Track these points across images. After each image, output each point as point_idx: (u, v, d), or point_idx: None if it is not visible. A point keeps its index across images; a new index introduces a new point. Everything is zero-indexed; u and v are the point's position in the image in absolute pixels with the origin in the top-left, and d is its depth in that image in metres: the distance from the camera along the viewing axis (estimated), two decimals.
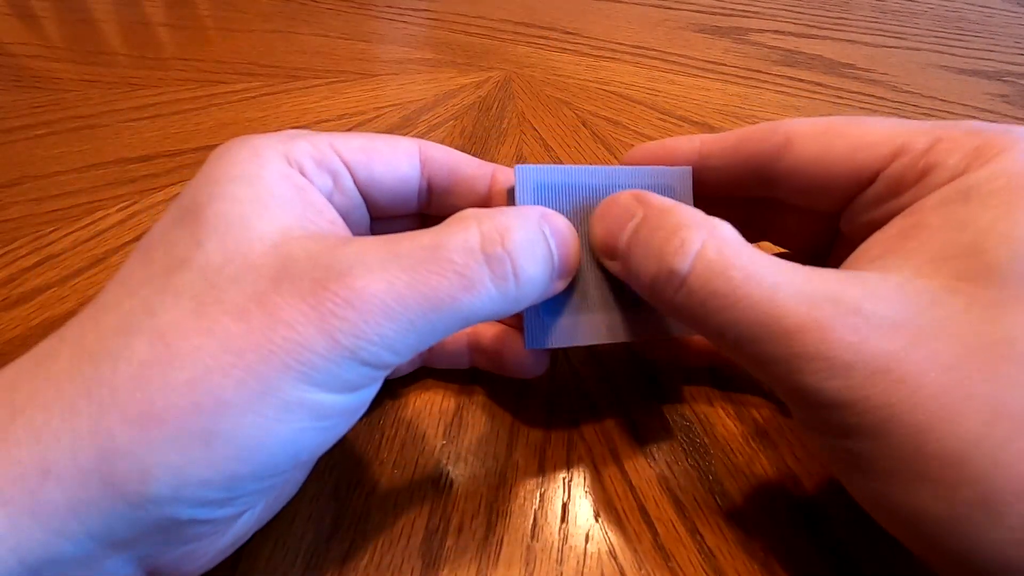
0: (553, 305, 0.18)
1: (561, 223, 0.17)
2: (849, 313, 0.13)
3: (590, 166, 0.19)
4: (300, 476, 0.17)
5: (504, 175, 0.20)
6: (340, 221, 0.17)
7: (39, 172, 0.32)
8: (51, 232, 0.28)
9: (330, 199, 0.17)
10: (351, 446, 0.20)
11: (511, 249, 0.14)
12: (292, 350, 0.12)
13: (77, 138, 0.35)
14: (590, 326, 0.18)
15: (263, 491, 0.14)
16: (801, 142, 0.18)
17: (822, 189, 0.18)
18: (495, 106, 0.41)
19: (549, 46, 0.51)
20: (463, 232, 0.14)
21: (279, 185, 0.15)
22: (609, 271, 0.18)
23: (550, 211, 0.17)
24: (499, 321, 0.21)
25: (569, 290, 0.18)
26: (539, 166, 0.18)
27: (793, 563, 0.18)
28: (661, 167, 0.19)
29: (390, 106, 0.40)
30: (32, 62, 0.43)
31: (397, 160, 0.18)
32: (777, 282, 0.14)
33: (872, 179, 0.17)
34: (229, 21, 0.52)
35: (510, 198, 0.18)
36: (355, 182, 0.18)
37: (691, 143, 0.20)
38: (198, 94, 0.40)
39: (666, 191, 0.19)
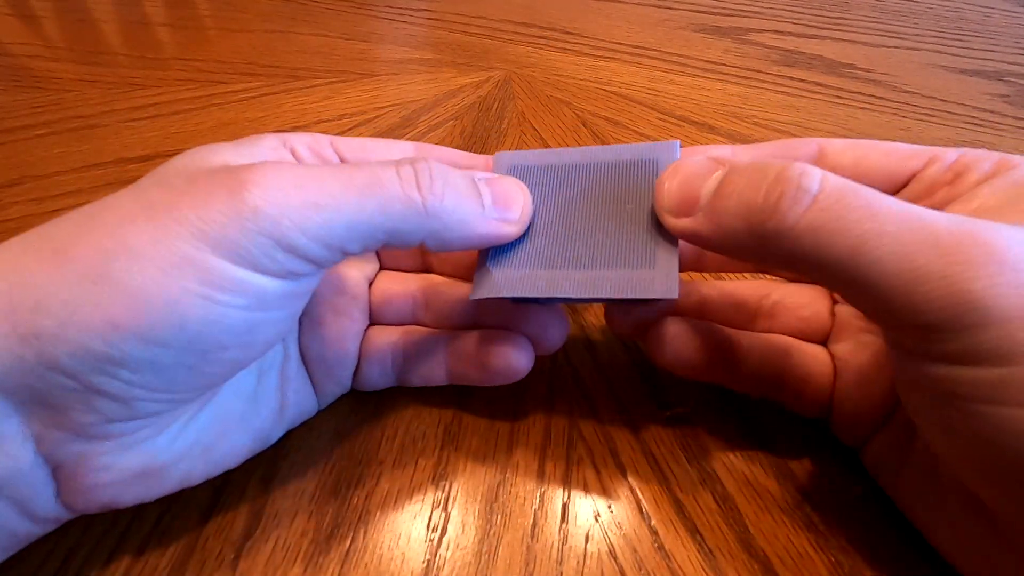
0: (505, 258, 0.18)
1: (502, 179, 0.18)
2: (1004, 230, 0.13)
3: (571, 148, 0.19)
4: (240, 442, 0.17)
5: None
6: None
7: (39, 172, 0.32)
8: None
9: None
10: (351, 446, 0.20)
11: (420, 165, 0.16)
12: (196, 205, 0.13)
13: (77, 138, 0.35)
14: (542, 278, 0.18)
15: (149, 369, 0.13)
16: (834, 151, 0.19)
17: None
18: (495, 106, 0.41)
19: (549, 46, 0.51)
20: (388, 158, 0.16)
21: (264, 151, 0.17)
22: (673, 230, 0.17)
23: (495, 176, 0.18)
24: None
25: (526, 248, 0.18)
26: (519, 151, 0.19)
27: (793, 563, 0.18)
28: (646, 143, 0.19)
29: (390, 106, 0.40)
30: (32, 62, 0.43)
31: (391, 154, 0.19)
32: (911, 204, 0.14)
33: (905, 183, 0.18)
34: (229, 21, 0.52)
35: None
36: None
37: (721, 148, 0.20)
38: (198, 94, 0.40)
39: (650, 166, 0.19)
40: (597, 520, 0.19)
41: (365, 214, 0.14)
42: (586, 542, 0.18)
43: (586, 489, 0.19)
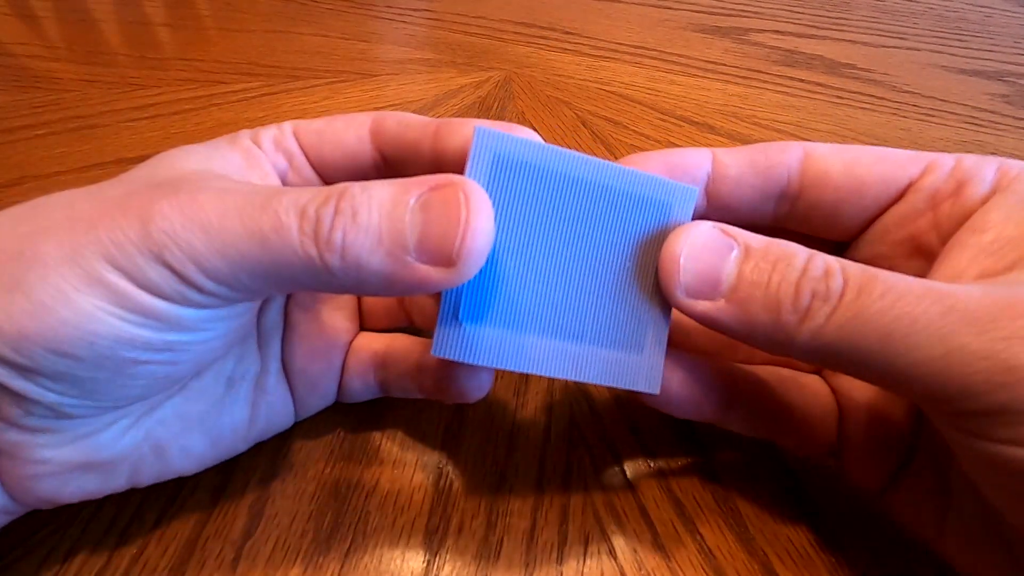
0: (477, 308, 0.15)
1: (448, 199, 0.13)
2: None
3: (575, 152, 0.15)
4: (196, 448, 0.17)
5: (452, 133, 0.17)
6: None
7: (39, 172, 0.32)
8: None
9: (286, 177, 0.18)
10: (351, 446, 0.20)
11: (325, 208, 0.13)
12: (111, 229, 0.13)
13: (77, 138, 0.35)
14: (522, 347, 0.15)
15: (65, 380, 0.13)
16: (820, 156, 0.17)
17: (847, 201, 0.17)
18: (495, 106, 0.41)
19: (549, 46, 0.51)
20: (319, 189, 0.13)
21: (234, 154, 0.17)
22: (688, 312, 0.15)
23: (448, 182, 0.13)
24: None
25: (504, 297, 0.15)
26: (511, 136, 0.15)
27: (793, 563, 0.18)
28: (663, 179, 0.16)
29: (390, 106, 0.40)
30: (32, 62, 0.43)
31: (345, 137, 0.18)
32: (932, 281, 0.13)
33: (901, 193, 0.17)
34: (229, 21, 0.52)
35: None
36: (310, 163, 0.19)
37: (701, 152, 0.18)
38: (198, 94, 0.40)
39: (662, 208, 0.16)
40: (597, 520, 0.19)
41: (267, 266, 0.13)
42: (586, 542, 0.18)
43: (586, 489, 0.19)
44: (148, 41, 0.48)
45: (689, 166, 0.18)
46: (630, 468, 0.20)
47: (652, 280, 0.16)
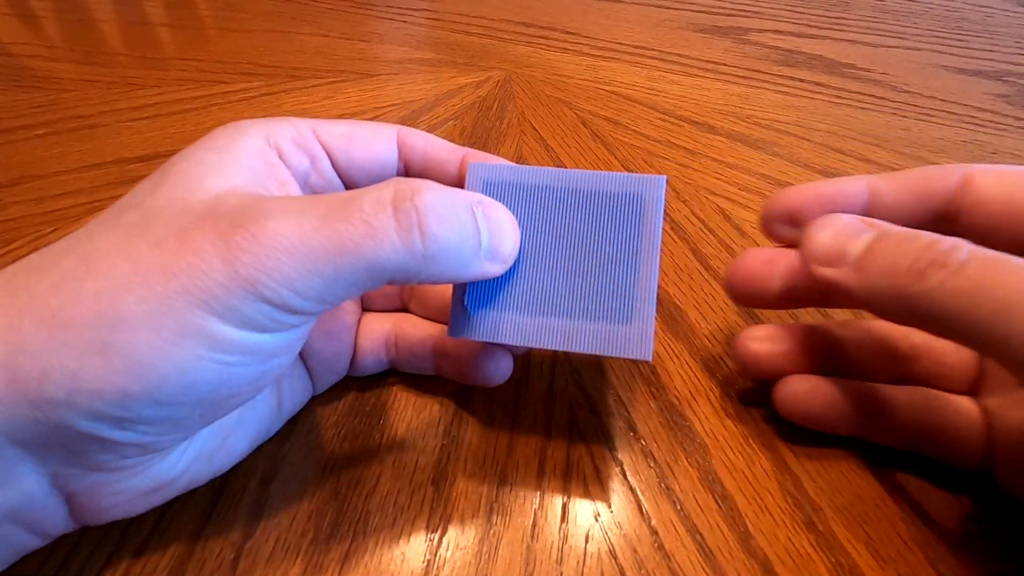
0: (482, 297, 0.18)
1: (497, 209, 0.17)
2: None
3: (550, 168, 0.18)
4: (239, 447, 0.18)
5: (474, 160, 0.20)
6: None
7: (39, 172, 0.32)
8: (51, 232, 0.28)
9: (306, 180, 0.18)
10: (351, 446, 0.20)
11: (419, 204, 0.14)
12: (194, 276, 0.13)
13: (77, 138, 0.35)
14: (519, 325, 0.18)
15: (163, 423, 0.14)
16: (983, 179, 0.18)
17: (1003, 227, 0.17)
18: (495, 106, 0.41)
19: (549, 46, 0.51)
20: (379, 189, 0.14)
21: (249, 158, 0.16)
22: (818, 278, 0.17)
23: (489, 199, 0.17)
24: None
25: (504, 286, 0.18)
26: (495, 164, 0.18)
27: (793, 563, 0.18)
28: (632, 174, 0.18)
29: (390, 106, 0.40)
30: (32, 62, 0.43)
31: (376, 145, 0.19)
32: None
33: None
34: (229, 21, 0.52)
35: None
36: (334, 165, 0.19)
37: (857, 182, 0.19)
38: (198, 94, 0.40)
39: (634, 200, 0.18)
40: (597, 520, 0.19)
41: (362, 269, 0.14)
42: (586, 542, 0.18)
43: (586, 489, 0.19)
44: (148, 41, 0.48)
45: (845, 197, 0.19)
46: (630, 468, 0.20)
47: (635, 260, 0.18)
